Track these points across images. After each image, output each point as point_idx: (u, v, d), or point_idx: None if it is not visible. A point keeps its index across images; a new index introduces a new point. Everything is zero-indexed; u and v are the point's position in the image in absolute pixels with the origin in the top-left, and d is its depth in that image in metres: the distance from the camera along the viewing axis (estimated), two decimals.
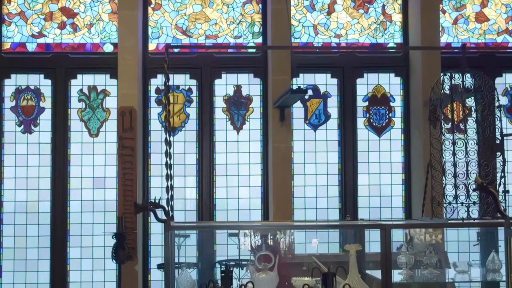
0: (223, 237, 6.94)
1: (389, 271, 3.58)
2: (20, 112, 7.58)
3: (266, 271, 3.72)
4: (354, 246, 3.71)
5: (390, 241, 3.62)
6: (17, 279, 7.45)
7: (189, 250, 7.06)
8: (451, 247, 6.64)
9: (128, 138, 7.23)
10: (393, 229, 3.73)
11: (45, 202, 7.53)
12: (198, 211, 7.55)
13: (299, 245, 5.80)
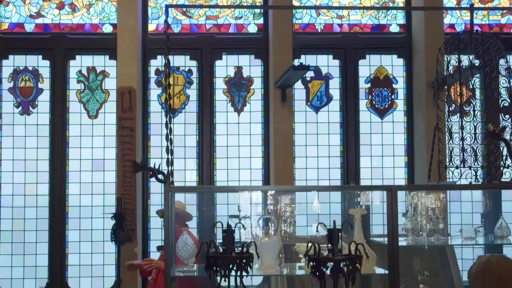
0: (223, 200, 6.88)
1: (396, 235, 3.49)
2: (18, 93, 7.49)
3: (269, 235, 3.64)
4: (360, 210, 3.62)
5: (396, 204, 3.52)
6: (15, 262, 7.35)
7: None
8: (454, 217, 6.53)
9: (127, 119, 7.13)
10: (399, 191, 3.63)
11: (43, 185, 7.43)
12: (198, 193, 7.43)
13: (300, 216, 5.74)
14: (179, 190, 4.31)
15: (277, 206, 3.83)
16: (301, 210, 6.10)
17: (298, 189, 5.07)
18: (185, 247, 3.85)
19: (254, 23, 7.72)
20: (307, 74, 7.64)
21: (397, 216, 3.51)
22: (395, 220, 3.48)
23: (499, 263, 3.59)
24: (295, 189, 4.89)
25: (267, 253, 3.62)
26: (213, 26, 7.71)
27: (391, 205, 3.51)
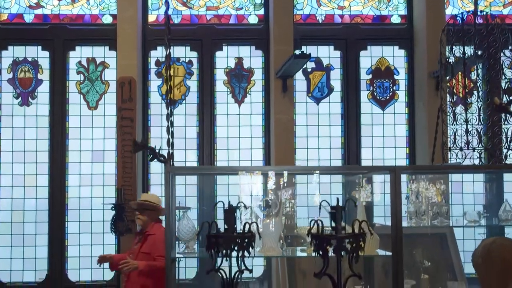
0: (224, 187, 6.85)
1: (399, 216, 3.44)
2: (17, 84, 7.45)
3: (271, 217, 3.60)
4: (364, 189, 3.58)
5: (400, 185, 3.49)
6: (15, 254, 7.31)
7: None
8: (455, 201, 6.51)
9: (127, 109, 7.09)
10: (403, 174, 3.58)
11: (43, 176, 7.39)
12: (198, 184, 7.40)
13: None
14: (180, 170, 4.28)
15: (278, 191, 3.79)
16: (301, 202, 6.08)
17: (300, 169, 5.07)
18: (186, 229, 3.81)
19: (254, 14, 7.68)
20: (308, 65, 7.62)
21: (400, 197, 3.47)
22: (398, 201, 3.44)
23: (503, 246, 3.54)
24: (296, 169, 4.88)
25: (268, 235, 3.59)
26: (214, 17, 7.67)
27: (395, 186, 3.48)
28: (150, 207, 5.72)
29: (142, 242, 5.65)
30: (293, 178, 3.96)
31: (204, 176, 6.62)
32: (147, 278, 5.47)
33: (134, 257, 5.60)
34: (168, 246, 3.50)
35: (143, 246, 5.61)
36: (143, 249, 5.58)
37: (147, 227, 5.71)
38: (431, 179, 3.90)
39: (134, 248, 5.77)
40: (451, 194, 3.94)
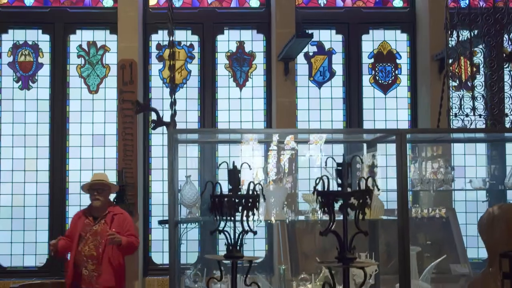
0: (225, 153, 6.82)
1: (405, 180, 3.40)
2: (17, 68, 7.41)
3: (274, 183, 3.56)
4: (368, 155, 3.54)
5: (405, 149, 3.44)
6: (15, 238, 7.27)
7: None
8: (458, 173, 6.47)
9: (128, 92, 7.05)
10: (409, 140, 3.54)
11: (43, 160, 7.35)
12: (199, 169, 7.35)
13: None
14: (182, 132, 4.24)
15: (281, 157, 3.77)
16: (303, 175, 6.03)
17: (301, 131, 5.05)
18: (189, 194, 3.77)
19: None
20: (310, 49, 7.59)
21: (406, 160, 3.43)
22: (404, 164, 3.40)
23: (509, 209, 3.52)
24: (298, 131, 4.86)
25: (272, 201, 3.55)
26: (215, 0, 7.63)
27: (400, 150, 3.44)
28: (111, 186, 5.86)
29: (107, 223, 5.67)
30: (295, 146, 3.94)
31: (205, 146, 6.59)
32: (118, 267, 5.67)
33: (99, 239, 5.64)
34: (171, 210, 3.46)
35: (112, 226, 5.65)
36: (111, 229, 5.61)
37: (104, 207, 5.77)
38: (436, 148, 3.86)
39: (92, 229, 5.71)
40: (453, 167, 3.90)
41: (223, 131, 5.43)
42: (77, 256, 5.64)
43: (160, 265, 7.35)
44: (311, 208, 3.78)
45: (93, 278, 5.60)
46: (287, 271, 3.60)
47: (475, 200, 7.20)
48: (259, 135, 4.32)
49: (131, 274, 6.92)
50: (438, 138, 3.91)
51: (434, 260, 3.97)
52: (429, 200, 4.14)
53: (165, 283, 7.09)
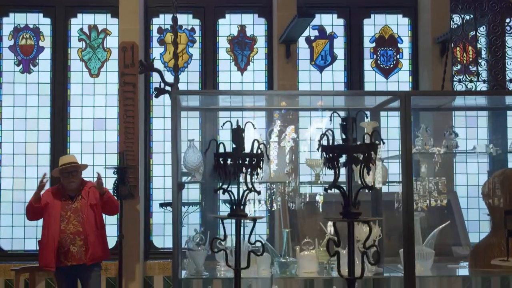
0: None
1: (409, 144, 3.38)
2: (18, 51, 7.39)
3: (277, 145, 3.54)
4: (371, 123, 3.53)
5: (410, 111, 3.42)
6: (16, 222, 7.25)
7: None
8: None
9: (129, 74, 7.03)
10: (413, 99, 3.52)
11: (44, 144, 7.34)
12: (201, 135, 7.30)
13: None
14: (185, 93, 4.25)
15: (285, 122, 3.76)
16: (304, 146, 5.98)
17: (302, 93, 5.04)
18: (192, 159, 3.76)
19: None
20: (311, 33, 7.58)
21: (410, 124, 3.42)
22: (408, 127, 3.38)
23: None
24: (299, 93, 4.85)
25: (275, 164, 3.53)
26: None
27: (404, 113, 3.42)
28: (82, 166, 6.01)
29: (84, 197, 5.82)
30: (297, 114, 3.93)
31: (207, 113, 6.58)
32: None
33: (81, 214, 5.77)
34: (174, 174, 3.45)
35: (89, 199, 5.81)
36: (89, 201, 5.81)
37: (79, 186, 5.90)
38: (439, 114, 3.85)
39: (72, 207, 5.79)
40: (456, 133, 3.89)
41: (226, 93, 5.44)
42: (62, 235, 5.70)
43: (161, 249, 7.33)
44: (314, 174, 3.77)
45: (83, 253, 5.68)
46: (288, 234, 3.59)
47: (476, 185, 7.21)
48: (262, 103, 4.30)
49: (132, 258, 6.91)
50: (441, 105, 3.89)
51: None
52: (429, 171, 4.12)
53: (166, 267, 7.08)
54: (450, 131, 3.83)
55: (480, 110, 5.00)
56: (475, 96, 3.78)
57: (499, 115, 5.30)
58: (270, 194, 3.81)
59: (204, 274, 3.72)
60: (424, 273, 3.60)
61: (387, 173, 3.74)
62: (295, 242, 3.73)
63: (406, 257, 3.39)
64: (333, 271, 3.62)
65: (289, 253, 3.59)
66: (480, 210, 7.14)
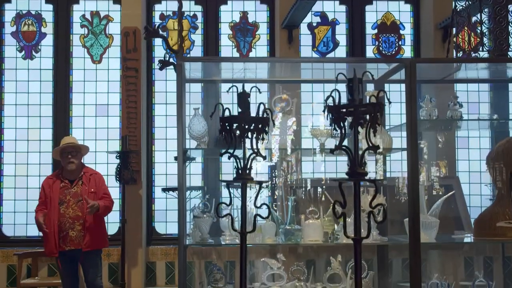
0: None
1: (414, 109, 3.38)
2: (21, 37, 7.39)
3: (284, 113, 3.55)
4: (375, 92, 3.51)
5: (415, 79, 3.42)
6: (18, 208, 7.25)
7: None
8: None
9: (132, 59, 7.04)
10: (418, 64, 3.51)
11: (46, 130, 7.34)
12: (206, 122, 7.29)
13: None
14: (189, 60, 4.25)
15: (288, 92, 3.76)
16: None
17: (303, 60, 5.04)
18: (198, 127, 3.76)
19: None
20: (313, 20, 7.58)
21: (415, 91, 3.41)
22: (413, 94, 3.38)
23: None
24: (301, 61, 4.87)
25: (282, 132, 3.54)
26: None
27: (409, 79, 3.41)
28: (83, 147, 5.88)
29: (85, 183, 5.71)
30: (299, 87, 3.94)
31: (208, 86, 6.59)
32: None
33: (81, 199, 5.63)
34: (180, 142, 3.46)
35: (90, 186, 5.70)
36: (90, 189, 5.68)
37: (79, 169, 5.78)
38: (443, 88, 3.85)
39: (72, 192, 5.70)
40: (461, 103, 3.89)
41: (229, 60, 5.45)
42: (61, 219, 5.61)
43: (163, 235, 7.33)
44: (319, 143, 3.78)
45: (81, 238, 5.59)
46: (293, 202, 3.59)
47: (478, 171, 7.22)
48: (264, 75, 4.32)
49: (135, 243, 6.92)
50: (445, 77, 3.89)
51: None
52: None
53: (169, 252, 7.08)
54: (454, 102, 3.84)
55: (482, 82, 4.99)
56: (478, 64, 3.78)
57: (501, 88, 5.29)
58: (274, 164, 3.81)
59: (209, 241, 3.72)
60: (428, 241, 3.60)
61: (391, 141, 3.75)
62: (299, 211, 3.73)
63: (411, 223, 3.39)
64: (338, 240, 3.62)
65: (294, 221, 3.59)
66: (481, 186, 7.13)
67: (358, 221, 2.78)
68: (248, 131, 3.07)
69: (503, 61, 3.64)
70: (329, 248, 3.84)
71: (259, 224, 3.58)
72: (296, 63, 4.19)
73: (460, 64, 3.82)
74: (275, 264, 3.67)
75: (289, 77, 4.50)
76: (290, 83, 4.58)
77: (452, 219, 6.24)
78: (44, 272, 6.98)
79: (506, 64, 3.73)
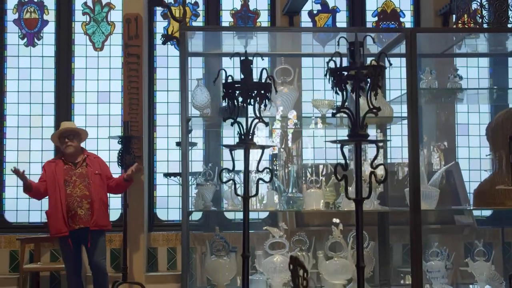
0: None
1: (415, 79, 3.41)
2: (23, 25, 7.43)
3: (286, 84, 3.58)
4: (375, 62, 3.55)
5: (415, 49, 3.45)
6: (21, 194, 7.22)
7: None
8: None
9: (133, 46, 7.07)
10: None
11: (48, 117, 7.37)
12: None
13: None
14: (192, 29, 4.29)
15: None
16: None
17: (304, 30, 5.08)
18: (201, 97, 3.80)
19: None
20: (314, 7, 7.62)
21: (416, 61, 3.45)
22: (413, 65, 3.41)
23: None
24: (301, 30, 4.91)
25: (284, 102, 3.58)
26: None
27: (410, 49, 3.45)
28: (81, 131, 6.01)
29: (90, 165, 5.88)
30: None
31: (209, 59, 6.62)
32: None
33: (87, 180, 5.82)
34: (183, 110, 3.50)
35: (94, 168, 5.89)
36: (94, 170, 5.88)
37: (79, 152, 5.93)
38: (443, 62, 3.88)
39: (77, 173, 5.83)
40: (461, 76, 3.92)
41: (231, 29, 5.47)
42: (69, 199, 5.73)
43: (165, 221, 7.36)
44: (320, 114, 3.81)
45: (89, 217, 5.72)
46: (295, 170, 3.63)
47: (478, 158, 7.24)
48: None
49: (137, 228, 6.95)
50: (445, 51, 3.93)
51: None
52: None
53: (170, 238, 7.12)
54: (454, 74, 3.88)
55: (482, 56, 5.03)
56: (477, 40, 3.83)
57: (501, 62, 5.32)
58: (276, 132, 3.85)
59: (212, 208, 3.76)
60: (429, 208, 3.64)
61: (392, 112, 3.78)
62: (301, 181, 3.76)
63: (412, 190, 3.42)
64: (338, 208, 3.66)
65: (296, 189, 3.63)
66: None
67: (359, 182, 2.82)
68: (251, 97, 3.11)
69: (502, 31, 3.68)
70: (331, 218, 3.87)
71: (261, 194, 3.61)
72: (297, 32, 4.25)
73: (462, 36, 3.84)
74: (277, 232, 3.71)
75: (290, 51, 4.53)
76: (291, 57, 4.60)
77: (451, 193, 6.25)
78: (46, 257, 7.02)
79: (505, 38, 3.76)
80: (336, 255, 3.74)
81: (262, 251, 3.82)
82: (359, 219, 2.78)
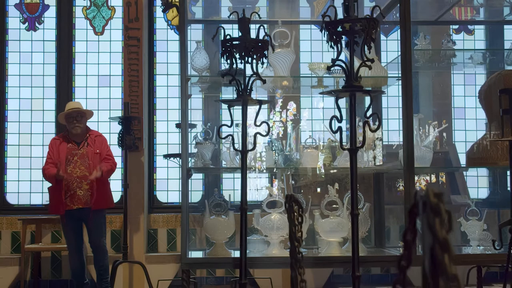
0: None
1: (409, 43, 3.48)
2: (24, 9, 7.51)
3: (283, 47, 3.65)
4: None
5: (409, 13, 3.52)
6: (22, 177, 7.36)
7: None
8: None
9: (134, 29, 7.15)
10: None
11: (49, 100, 7.46)
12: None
13: None
14: (195, 22, 4.37)
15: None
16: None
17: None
18: (200, 60, 3.88)
19: None
20: None
21: (409, 26, 3.51)
22: (408, 30, 3.47)
23: (507, 73, 3.61)
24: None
25: (281, 64, 3.65)
26: None
27: (404, 16, 3.52)
28: (87, 112, 6.13)
29: (91, 145, 5.99)
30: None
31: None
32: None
33: (87, 160, 5.92)
34: (183, 71, 3.58)
35: (94, 147, 5.98)
36: (95, 149, 5.97)
37: (84, 132, 6.06)
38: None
39: (79, 153, 5.95)
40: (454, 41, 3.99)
41: (232, 21, 5.53)
42: (69, 178, 5.79)
43: (165, 203, 7.43)
44: (317, 78, 3.89)
45: (88, 197, 5.78)
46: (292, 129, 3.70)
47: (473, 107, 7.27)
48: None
49: (137, 209, 7.01)
50: (438, 18, 3.99)
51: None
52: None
53: (170, 220, 7.19)
54: (448, 39, 3.94)
55: (478, 24, 5.09)
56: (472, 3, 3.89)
57: (495, 30, 5.39)
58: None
59: (211, 166, 3.83)
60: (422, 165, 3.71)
61: (387, 74, 3.85)
62: (298, 142, 3.83)
63: (405, 149, 3.50)
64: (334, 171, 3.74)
65: (293, 147, 3.70)
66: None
67: (354, 131, 2.90)
68: (249, 54, 3.19)
69: None
70: (326, 178, 3.95)
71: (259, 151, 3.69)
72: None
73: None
74: (273, 191, 3.79)
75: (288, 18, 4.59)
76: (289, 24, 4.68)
77: (449, 184, 6.34)
78: (47, 238, 7.09)
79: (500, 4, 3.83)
80: (332, 214, 3.80)
81: (260, 209, 3.90)
82: (353, 169, 2.85)
